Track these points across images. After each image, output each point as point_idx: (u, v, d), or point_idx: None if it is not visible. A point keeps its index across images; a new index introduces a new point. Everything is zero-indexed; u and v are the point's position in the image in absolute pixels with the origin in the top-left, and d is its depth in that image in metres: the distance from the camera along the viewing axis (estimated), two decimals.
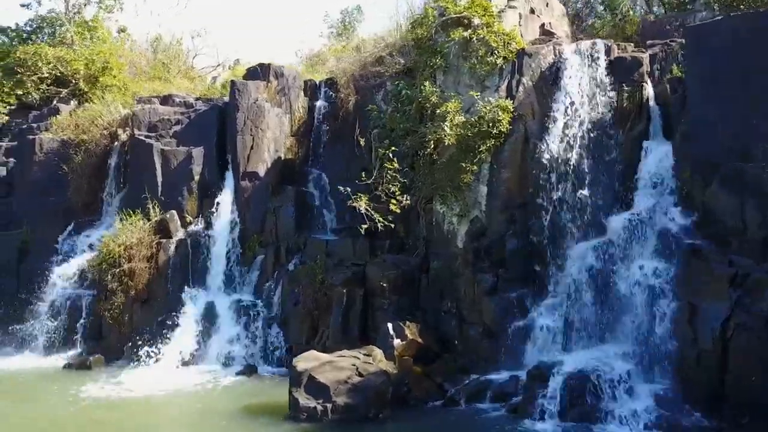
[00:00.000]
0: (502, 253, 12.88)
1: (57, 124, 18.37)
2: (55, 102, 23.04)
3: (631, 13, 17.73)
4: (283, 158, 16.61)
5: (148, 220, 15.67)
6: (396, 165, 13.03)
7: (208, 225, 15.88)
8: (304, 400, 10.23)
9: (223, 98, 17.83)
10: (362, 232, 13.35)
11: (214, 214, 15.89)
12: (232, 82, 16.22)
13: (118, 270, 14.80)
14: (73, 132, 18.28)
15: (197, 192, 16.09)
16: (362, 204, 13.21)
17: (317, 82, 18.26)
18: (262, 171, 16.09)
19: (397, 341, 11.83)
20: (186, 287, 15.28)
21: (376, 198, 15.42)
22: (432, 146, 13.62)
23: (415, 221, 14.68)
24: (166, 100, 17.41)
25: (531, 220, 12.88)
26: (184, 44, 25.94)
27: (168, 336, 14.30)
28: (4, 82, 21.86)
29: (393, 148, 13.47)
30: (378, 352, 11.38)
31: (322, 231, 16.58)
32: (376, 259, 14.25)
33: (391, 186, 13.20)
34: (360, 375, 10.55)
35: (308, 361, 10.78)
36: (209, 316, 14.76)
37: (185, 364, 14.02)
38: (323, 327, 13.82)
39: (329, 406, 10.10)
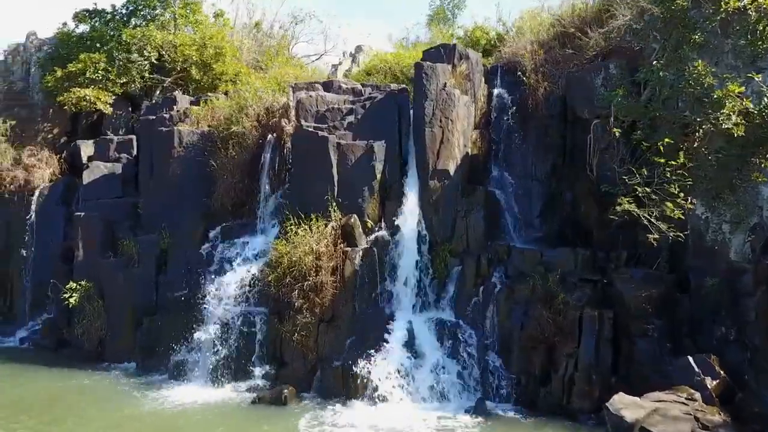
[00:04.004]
0: None
1: (195, 114, 16.06)
2: (157, 92, 20.96)
3: None
4: (470, 154, 14.32)
5: (324, 226, 13.32)
6: (682, 160, 10.66)
7: (393, 231, 13.56)
8: None
9: (388, 85, 15.53)
10: (654, 243, 10.91)
11: (399, 219, 13.58)
12: (418, 64, 13.88)
13: (305, 284, 12.47)
14: (209, 123, 16.02)
15: (378, 193, 13.77)
16: (631, 207, 10.83)
17: (488, 68, 16.02)
18: (452, 169, 13.78)
19: (707, 379, 9.51)
20: (377, 304, 13.01)
21: (596, 201, 13.36)
22: (700, 138, 11.33)
23: (645, 228, 12.31)
24: (328, 86, 15.07)
25: None
26: (288, 31, 23.62)
27: (368, 363, 12.00)
28: (109, 69, 19.59)
29: (667, 140, 11.11)
30: (697, 395, 9.09)
31: (507, 237, 14.35)
32: (621, 275, 11.94)
33: (670, 186, 10.80)
34: (705, 428, 8.27)
35: (632, 408, 8.51)
36: (408, 340, 12.47)
37: (396, 397, 11.72)
38: (564, 357, 11.51)
39: None
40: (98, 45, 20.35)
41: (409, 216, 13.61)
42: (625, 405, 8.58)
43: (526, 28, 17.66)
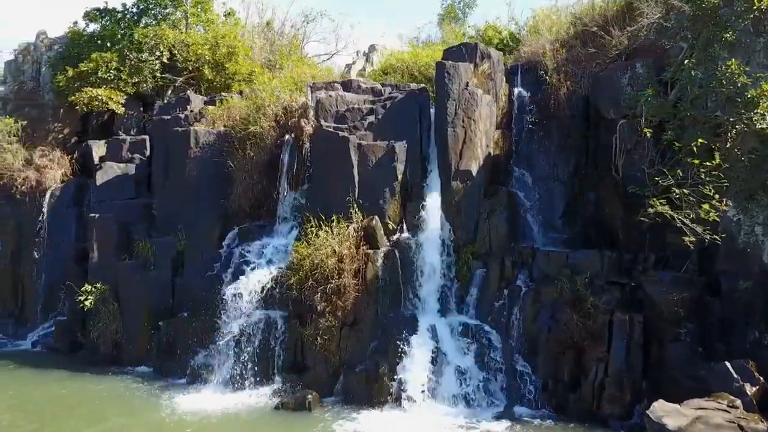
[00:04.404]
0: None
1: (211, 114, 15.82)
2: (169, 92, 20.73)
3: None
4: (492, 154, 14.11)
5: (344, 228, 13.08)
6: (717, 161, 10.39)
7: (415, 233, 13.34)
8: None
9: (407, 85, 15.30)
10: (690, 246, 10.55)
11: (421, 220, 13.36)
12: (440, 64, 13.65)
13: (328, 287, 12.24)
14: (225, 123, 15.79)
15: (399, 194, 13.54)
16: (665, 209, 10.55)
17: (508, 67, 15.78)
18: (474, 169, 13.57)
19: (746, 386, 9.28)
20: (400, 308, 12.78)
21: (621, 202, 13.15)
22: (732, 138, 11.10)
23: (674, 230, 12.06)
24: (347, 86, 14.84)
25: None
26: (300, 30, 23.39)
27: (392, 368, 11.79)
28: (122, 68, 19.36)
29: (701, 140, 10.86)
30: (738, 402, 8.86)
31: (528, 239, 14.14)
32: (650, 278, 11.71)
33: (704, 188, 10.53)
34: None
35: (673, 415, 8.28)
36: (431, 344, 12.23)
37: (421, 403, 11.50)
38: (593, 362, 11.27)
39: None
40: (109, 44, 20.15)
41: (431, 218, 13.39)
42: (666, 412, 8.35)
43: (544, 27, 17.45)
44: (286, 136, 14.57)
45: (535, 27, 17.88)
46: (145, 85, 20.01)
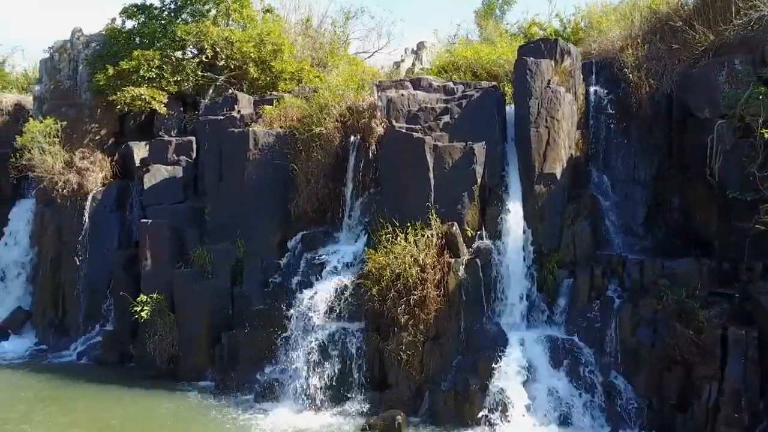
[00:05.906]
0: None
1: (268, 114, 15.02)
2: (210, 91, 19.94)
3: None
4: (573, 156, 13.32)
5: (421, 234, 12.29)
6: None
7: (495, 240, 12.56)
8: None
9: (479, 83, 14.50)
10: None
11: (502, 226, 12.58)
12: (521, 61, 12.85)
13: (411, 298, 11.46)
14: (281, 124, 14.99)
15: (478, 198, 12.76)
16: None
17: (582, 63, 14.96)
18: (558, 172, 12.77)
19: None
20: (483, 320, 11.99)
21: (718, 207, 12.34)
22: None
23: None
24: (416, 84, 14.03)
25: None
26: (340, 28, 22.61)
27: (480, 385, 11.00)
28: (165, 67, 18.57)
29: None
30: None
31: (609, 246, 13.36)
32: (761, 289, 10.89)
33: None
34: None
35: None
36: (521, 359, 11.43)
37: (515, 423, 10.72)
38: (704, 380, 10.46)
39: None
40: (148, 42, 19.36)
41: (513, 224, 12.58)
42: None
43: (608, 22, 16.68)
44: (352, 138, 13.79)
45: (592, 22, 17.10)
46: (186, 83, 19.22)
